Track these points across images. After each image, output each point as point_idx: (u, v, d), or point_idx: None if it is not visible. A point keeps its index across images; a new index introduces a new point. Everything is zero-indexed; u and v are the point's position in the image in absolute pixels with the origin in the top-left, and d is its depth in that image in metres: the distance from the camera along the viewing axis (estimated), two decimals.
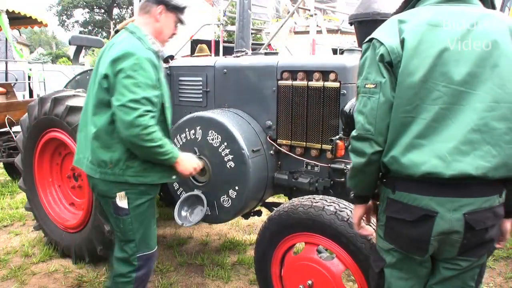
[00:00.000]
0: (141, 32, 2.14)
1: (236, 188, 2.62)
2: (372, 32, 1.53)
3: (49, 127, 3.34)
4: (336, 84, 2.54)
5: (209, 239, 3.98)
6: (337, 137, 2.39)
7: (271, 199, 3.48)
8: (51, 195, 3.62)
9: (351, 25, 2.89)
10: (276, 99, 2.77)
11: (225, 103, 3.01)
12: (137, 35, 2.12)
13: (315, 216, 2.11)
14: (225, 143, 2.62)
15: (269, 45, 9.61)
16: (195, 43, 9.01)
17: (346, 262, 2.06)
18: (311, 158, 2.68)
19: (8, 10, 5.92)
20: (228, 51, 8.09)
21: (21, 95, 7.83)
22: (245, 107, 2.86)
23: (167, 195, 3.62)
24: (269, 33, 11.39)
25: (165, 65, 3.37)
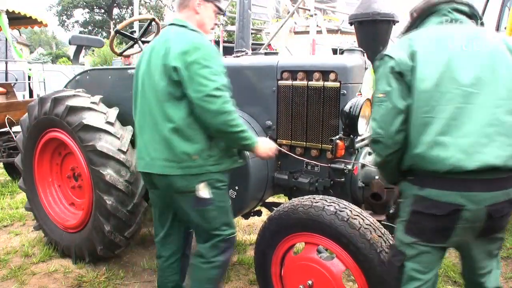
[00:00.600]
0: (190, 25, 2.15)
1: (236, 188, 2.62)
2: (372, 32, 1.62)
3: (49, 127, 3.34)
4: (336, 84, 2.55)
5: None
6: (337, 137, 2.39)
7: (271, 199, 3.48)
8: (51, 195, 3.62)
9: (351, 25, 2.89)
10: (276, 99, 2.77)
11: None
12: (190, 28, 2.13)
13: (315, 216, 2.11)
14: None
15: (269, 45, 9.62)
16: None
17: (346, 262, 2.06)
18: (311, 158, 2.68)
19: (8, 10, 5.92)
20: (228, 51, 8.08)
21: (21, 95, 7.83)
22: (245, 107, 2.85)
23: None
24: (269, 33, 11.39)
25: None
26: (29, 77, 7.89)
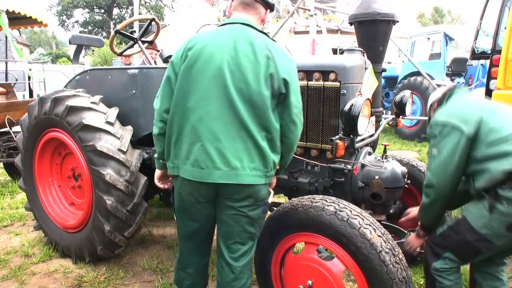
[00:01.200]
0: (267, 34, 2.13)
1: None
2: (372, 32, 1.60)
3: (49, 127, 3.34)
4: (336, 84, 2.55)
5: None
6: (337, 137, 2.39)
7: (271, 199, 3.48)
8: (51, 195, 3.62)
9: (351, 25, 2.90)
10: None
11: None
12: (270, 37, 2.07)
13: (315, 216, 2.11)
14: None
15: None
16: None
17: (346, 262, 2.06)
18: (311, 158, 2.68)
19: (8, 10, 5.92)
20: None
21: (21, 95, 7.82)
22: None
23: (166, 194, 3.62)
24: (269, 33, 11.37)
25: (165, 65, 3.37)
26: (29, 77, 7.89)
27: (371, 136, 2.87)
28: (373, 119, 2.88)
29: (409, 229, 2.81)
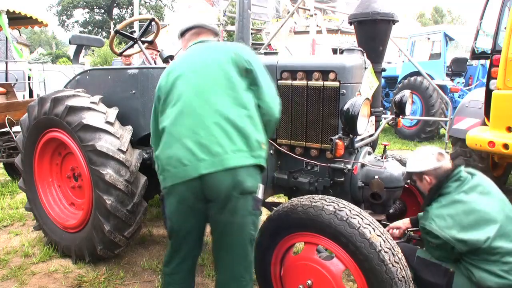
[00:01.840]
0: None
1: None
2: (372, 32, 1.58)
3: (49, 127, 3.34)
4: (336, 84, 2.55)
5: (209, 239, 3.98)
6: (336, 136, 2.39)
7: (271, 199, 3.48)
8: (51, 195, 3.62)
9: (350, 25, 2.90)
10: None
11: None
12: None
13: (314, 216, 2.11)
14: None
15: (269, 45, 9.61)
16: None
17: (346, 262, 2.06)
18: (311, 158, 2.68)
19: (8, 10, 5.92)
20: None
21: (21, 95, 7.83)
22: None
23: None
24: (269, 33, 11.38)
25: (165, 65, 3.37)
26: (29, 77, 7.89)
27: (371, 136, 2.87)
28: (373, 118, 2.88)
29: (409, 229, 2.82)
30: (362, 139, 2.69)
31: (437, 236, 2.22)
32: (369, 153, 2.78)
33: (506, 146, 3.85)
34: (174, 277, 2.17)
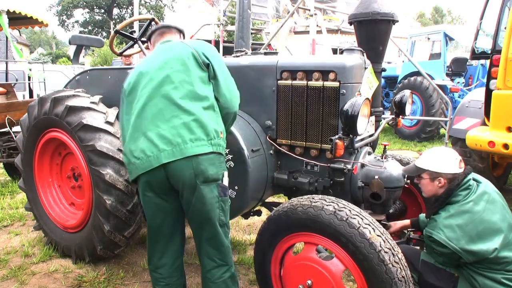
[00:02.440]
0: None
1: (236, 187, 2.62)
2: (372, 32, 1.58)
3: (49, 127, 3.34)
4: (336, 84, 2.55)
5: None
6: (336, 136, 2.39)
7: (271, 199, 3.48)
8: (51, 195, 3.62)
9: (350, 24, 2.89)
10: (275, 99, 2.77)
11: None
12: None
13: (314, 216, 2.11)
14: None
15: (269, 45, 9.61)
16: None
17: (346, 262, 2.06)
18: (311, 158, 2.68)
19: (8, 10, 5.92)
20: (228, 51, 8.08)
21: (21, 95, 7.83)
22: (245, 107, 2.85)
23: None
24: (269, 33, 11.38)
25: None
26: (29, 77, 7.89)
27: (371, 136, 2.87)
28: (372, 118, 2.88)
29: (409, 229, 2.82)
30: (362, 139, 2.69)
31: (444, 246, 2.22)
32: (369, 153, 2.78)
33: (506, 146, 3.85)
34: (160, 271, 2.27)
